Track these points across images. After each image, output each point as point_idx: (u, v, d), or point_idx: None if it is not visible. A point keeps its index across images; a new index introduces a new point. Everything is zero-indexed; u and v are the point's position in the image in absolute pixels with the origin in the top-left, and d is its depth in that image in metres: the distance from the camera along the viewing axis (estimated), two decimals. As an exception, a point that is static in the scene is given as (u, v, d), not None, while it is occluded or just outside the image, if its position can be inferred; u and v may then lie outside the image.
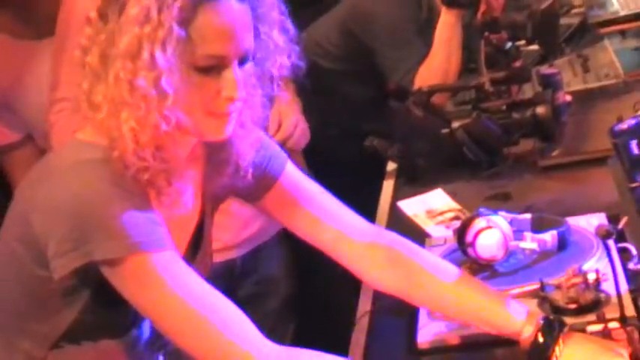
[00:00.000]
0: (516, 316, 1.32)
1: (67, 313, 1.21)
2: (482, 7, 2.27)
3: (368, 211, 1.90)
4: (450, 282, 1.37)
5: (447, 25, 2.26)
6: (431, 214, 1.89)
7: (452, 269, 1.40)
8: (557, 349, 1.27)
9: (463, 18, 2.27)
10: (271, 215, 1.42)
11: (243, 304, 1.99)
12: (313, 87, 1.62)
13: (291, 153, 1.98)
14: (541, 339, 1.28)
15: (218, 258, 1.87)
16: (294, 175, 1.39)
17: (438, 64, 2.27)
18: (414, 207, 1.93)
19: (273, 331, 2.07)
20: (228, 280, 1.96)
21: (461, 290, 1.37)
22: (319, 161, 2.14)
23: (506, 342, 1.37)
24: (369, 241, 1.40)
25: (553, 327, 1.29)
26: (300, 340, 2.11)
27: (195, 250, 1.34)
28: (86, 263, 1.14)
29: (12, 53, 2.06)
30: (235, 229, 1.94)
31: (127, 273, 1.15)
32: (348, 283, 1.69)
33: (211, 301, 1.18)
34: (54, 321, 1.23)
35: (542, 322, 1.30)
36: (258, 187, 1.36)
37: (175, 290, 1.16)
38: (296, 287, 2.11)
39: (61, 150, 1.29)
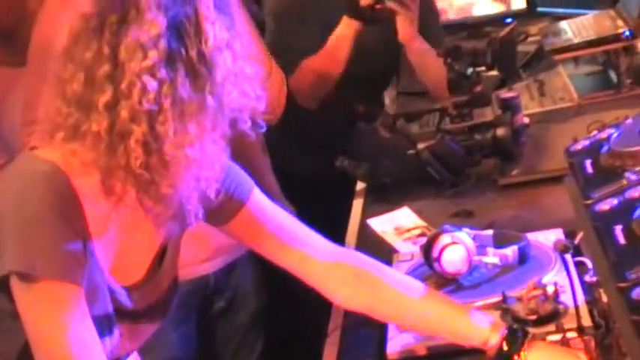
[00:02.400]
0: (482, 326, 1.32)
1: (18, 334, 1.15)
2: (401, 27, 2.22)
3: (339, 229, 1.91)
4: (416, 297, 1.37)
5: (341, 36, 2.22)
6: (398, 230, 1.90)
7: (417, 285, 1.39)
8: (522, 354, 1.27)
9: (359, 33, 2.22)
10: (237, 238, 1.40)
11: (214, 319, 2.00)
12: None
13: (264, 174, 1.99)
14: (506, 347, 1.29)
15: (193, 274, 1.85)
16: (260, 201, 1.36)
17: (316, 67, 2.25)
18: (382, 224, 1.93)
19: (243, 344, 2.05)
20: (203, 296, 1.93)
21: (427, 304, 1.37)
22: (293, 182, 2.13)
23: (472, 351, 1.38)
24: (335, 261, 1.39)
25: (517, 335, 1.30)
26: (269, 353, 2.09)
27: (157, 269, 1.30)
28: (4, 275, 1.10)
29: None
30: (208, 243, 1.91)
31: (29, 291, 1.11)
32: (320, 297, 1.69)
33: (85, 358, 1.13)
34: (7, 341, 1.18)
35: (506, 331, 1.30)
36: (225, 212, 1.33)
37: (61, 326, 1.11)
38: (265, 302, 2.09)
39: (13, 161, 1.24)
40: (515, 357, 1.28)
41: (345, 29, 2.21)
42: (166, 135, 1.11)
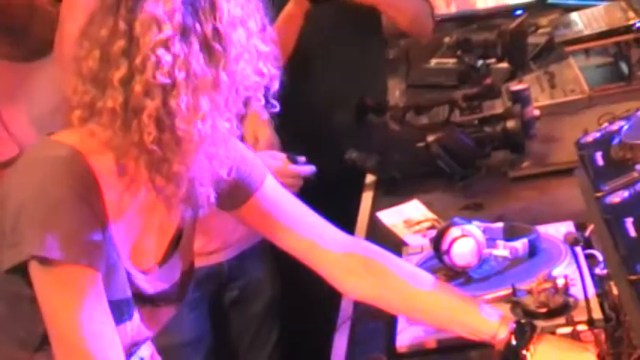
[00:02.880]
0: (491, 320, 1.32)
1: (38, 320, 1.15)
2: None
3: (348, 222, 1.90)
4: (425, 289, 1.36)
5: (290, 15, 2.17)
6: (408, 223, 1.89)
7: (428, 277, 1.39)
8: (531, 348, 1.27)
9: (307, 13, 2.17)
10: (247, 225, 1.40)
11: (229, 307, 2.01)
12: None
13: None
14: (514, 341, 1.29)
15: (206, 262, 1.87)
16: (273, 190, 1.37)
17: None
18: (391, 217, 1.93)
19: (258, 334, 2.07)
20: (216, 284, 1.95)
21: (437, 296, 1.36)
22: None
23: (481, 345, 1.37)
24: (345, 251, 1.39)
25: (525, 329, 1.29)
26: (283, 343, 2.10)
27: (173, 254, 1.31)
28: (24, 261, 1.11)
29: (6, 75, 2.05)
30: (222, 232, 1.92)
31: (48, 275, 1.11)
32: (330, 288, 1.69)
33: (97, 343, 1.13)
34: (29, 326, 1.19)
35: (514, 325, 1.30)
36: (235, 198, 1.33)
37: (76, 310, 1.12)
38: (279, 291, 2.09)
39: (29, 148, 1.25)
40: (524, 351, 1.28)
41: (294, 8, 2.19)
42: (179, 110, 1.11)
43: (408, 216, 1.91)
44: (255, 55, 1.17)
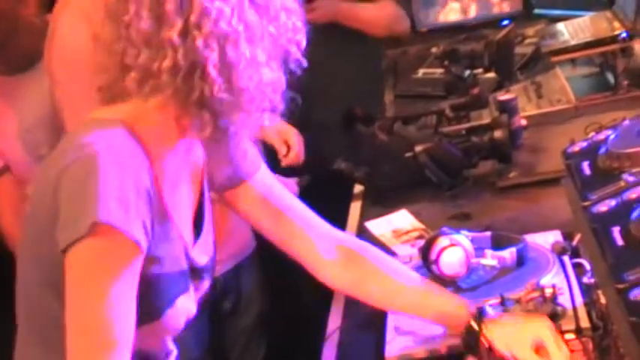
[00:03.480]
0: (459, 304, 1.38)
1: None
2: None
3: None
4: (404, 280, 1.41)
5: None
6: (396, 233, 1.89)
7: (410, 272, 1.44)
8: (484, 328, 1.32)
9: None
10: (231, 207, 1.40)
11: (222, 321, 2.00)
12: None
13: None
14: (474, 325, 1.34)
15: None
16: (266, 175, 1.39)
17: None
18: (380, 227, 1.93)
19: (247, 347, 2.06)
20: (211, 297, 1.94)
21: (414, 287, 1.41)
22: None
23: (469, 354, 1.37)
24: (329, 241, 1.41)
25: (483, 313, 1.35)
26: (272, 357, 2.10)
27: (198, 231, 1.32)
28: (81, 237, 1.09)
29: None
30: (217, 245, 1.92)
31: (95, 251, 1.10)
32: (319, 301, 1.68)
33: (118, 326, 1.11)
34: None
35: (475, 310, 1.35)
36: (234, 178, 1.36)
37: (104, 290, 1.10)
38: (269, 304, 2.09)
39: (78, 127, 1.23)
40: (480, 333, 1.32)
41: None
42: (238, 62, 1.14)
43: (396, 226, 1.91)
44: (290, 9, 1.20)
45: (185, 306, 1.26)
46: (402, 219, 1.94)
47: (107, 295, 1.10)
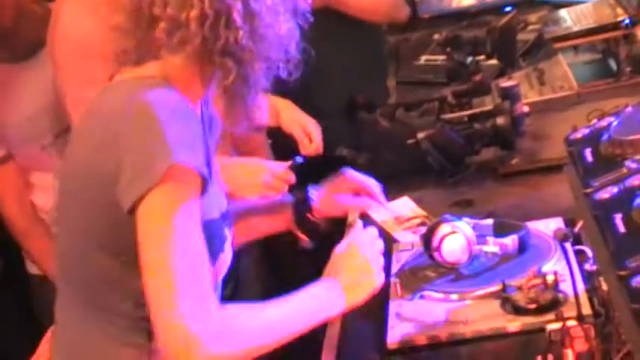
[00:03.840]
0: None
1: None
2: None
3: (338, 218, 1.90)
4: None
5: None
6: (398, 220, 1.89)
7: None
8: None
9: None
10: None
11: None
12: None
13: None
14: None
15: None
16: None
17: None
18: (382, 214, 1.93)
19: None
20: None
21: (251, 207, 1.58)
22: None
23: (469, 341, 1.38)
24: None
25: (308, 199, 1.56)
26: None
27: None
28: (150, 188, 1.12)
29: None
30: None
31: (170, 195, 1.13)
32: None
33: (195, 260, 1.14)
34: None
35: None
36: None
37: (186, 228, 1.13)
38: (268, 292, 2.09)
39: (117, 86, 1.26)
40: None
41: None
42: (260, 10, 1.20)
43: (398, 212, 1.91)
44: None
45: (228, 252, 1.31)
46: (403, 206, 1.93)
47: (189, 233, 1.14)
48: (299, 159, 1.91)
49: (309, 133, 2.07)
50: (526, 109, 2.08)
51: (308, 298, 1.28)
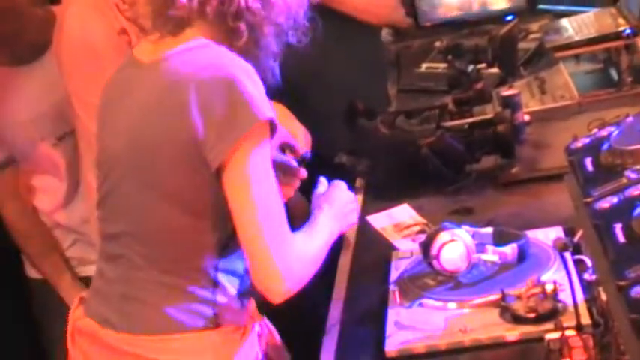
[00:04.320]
0: None
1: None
2: None
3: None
4: None
5: None
6: (398, 227, 1.89)
7: None
8: None
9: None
10: None
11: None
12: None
13: None
14: None
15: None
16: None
17: None
18: (381, 221, 1.93)
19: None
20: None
21: None
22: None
23: (468, 349, 1.38)
24: None
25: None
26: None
27: None
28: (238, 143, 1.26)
29: None
30: None
31: (256, 147, 1.28)
32: (319, 293, 1.68)
33: (279, 203, 1.32)
34: (224, 225, 1.33)
35: None
36: None
37: (266, 176, 1.31)
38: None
39: (177, 56, 1.34)
40: None
41: None
42: None
43: (397, 220, 1.91)
44: None
45: None
46: (403, 213, 1.93)
47: (272, 180, 1.32)
48: (308, 154, 1.92)
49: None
50: (527, 117, 2.08)
51: (325, 224, 1.45)
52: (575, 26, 2.42)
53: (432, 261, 1.54)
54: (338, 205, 1.52)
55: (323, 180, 1.61)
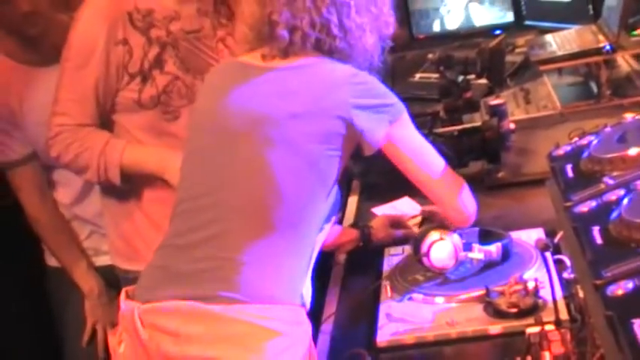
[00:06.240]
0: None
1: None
2: None
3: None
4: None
5: None
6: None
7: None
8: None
9: None
10: None
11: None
12: None
13: None
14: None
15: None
16: None
17: None
18: (386, 212, 1.92)
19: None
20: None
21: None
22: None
23: (454, 341, 1.38)
24: None
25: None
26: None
27: None
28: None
29: (18, 75, 2.04)
30: None
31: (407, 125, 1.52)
32: (315, 288, 1.68)
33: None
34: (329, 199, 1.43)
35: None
36: None
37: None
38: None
39: (311, 67, 1.44)
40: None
41: None
42: (350, 26, 1.45)
43: (402, 211, 1.91)
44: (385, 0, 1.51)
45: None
46: (406, 204, 1.94)
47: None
48: None
49: None
50: (512, 126, 2.08)
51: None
52: (559, 42, 2.42)
53: (422, 258, 1.55)
54: None
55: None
